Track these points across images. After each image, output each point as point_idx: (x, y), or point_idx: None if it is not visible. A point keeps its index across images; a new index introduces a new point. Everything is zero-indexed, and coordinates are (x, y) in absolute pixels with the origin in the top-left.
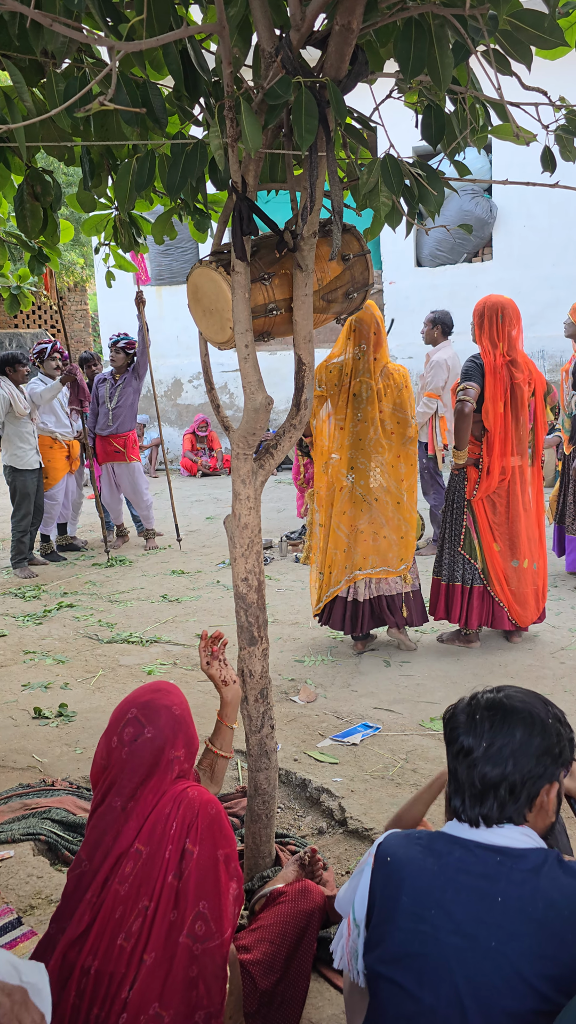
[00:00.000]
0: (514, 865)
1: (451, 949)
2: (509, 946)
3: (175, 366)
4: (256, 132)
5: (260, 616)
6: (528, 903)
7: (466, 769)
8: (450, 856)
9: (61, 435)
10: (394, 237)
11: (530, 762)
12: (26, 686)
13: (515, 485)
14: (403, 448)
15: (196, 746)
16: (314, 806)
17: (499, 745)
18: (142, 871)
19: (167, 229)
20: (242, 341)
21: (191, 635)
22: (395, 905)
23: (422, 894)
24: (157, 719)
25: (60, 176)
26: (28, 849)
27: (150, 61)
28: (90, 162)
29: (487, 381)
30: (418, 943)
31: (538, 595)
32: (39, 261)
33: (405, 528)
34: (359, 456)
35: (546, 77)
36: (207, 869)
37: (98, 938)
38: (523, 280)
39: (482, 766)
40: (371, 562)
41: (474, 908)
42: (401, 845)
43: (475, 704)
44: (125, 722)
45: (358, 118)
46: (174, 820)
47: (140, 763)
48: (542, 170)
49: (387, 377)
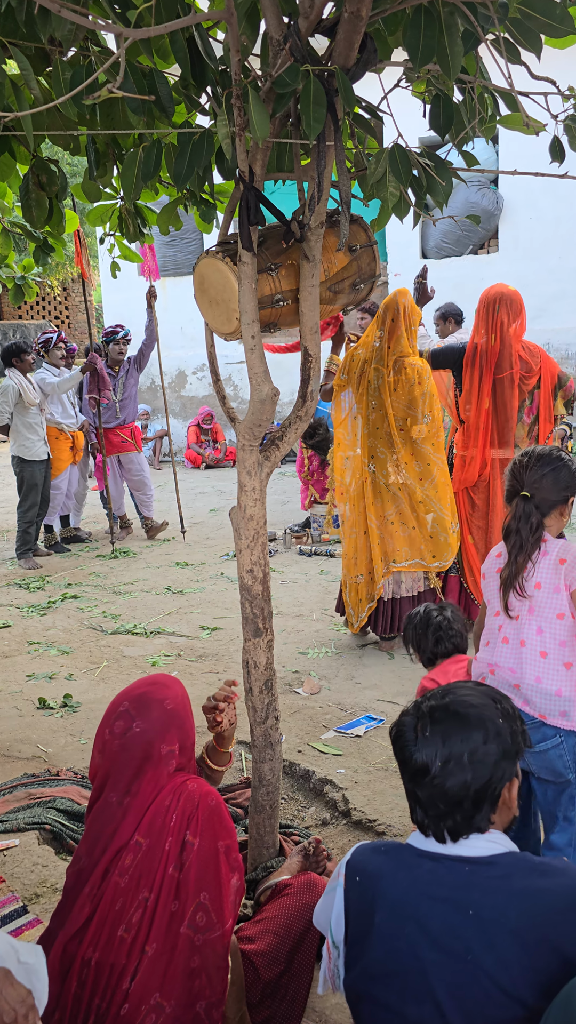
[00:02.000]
0: (485, 873)
1: (429, 964)
2: (486, 957)
3: (179, 358)
4: (264, 121)
5: (265, 608)
6: (501, 913)
7: (426, 788)
8: (420, 869)
9: (67, 426)
10: (400, 229)
11: (489, 768)
12: (31, 676)
13: (495, 478)
14: (414, 447)
15: (192, 740)
16: (318, 797)
17: (455, 757)
18: (142, 863)
19: (173, 219)
20: (248, 332)
21: (195, 627)
22: (370, 922)
23: (396, 910)
24: (148, 713)
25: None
26: (33, 838)
27: (157, 50)
28: (96, 151)
29: (467, 374)
30: (396, 960)
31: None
32: (44, 251)
33: (434, 526)
34: (377, 445)
35: (555, 67)
36: (207, 861)
37: (98, 930)
38: (529, 272)
39: (441, 783)
40: (404, 554)
41: (448, 921)
42: (370, 861)
43: (421, 716)
44: (117, 715)
45: (366, 107)
46: (174, 812)
47: (131, 757)
48: (551, 160)
49: (400, 371)
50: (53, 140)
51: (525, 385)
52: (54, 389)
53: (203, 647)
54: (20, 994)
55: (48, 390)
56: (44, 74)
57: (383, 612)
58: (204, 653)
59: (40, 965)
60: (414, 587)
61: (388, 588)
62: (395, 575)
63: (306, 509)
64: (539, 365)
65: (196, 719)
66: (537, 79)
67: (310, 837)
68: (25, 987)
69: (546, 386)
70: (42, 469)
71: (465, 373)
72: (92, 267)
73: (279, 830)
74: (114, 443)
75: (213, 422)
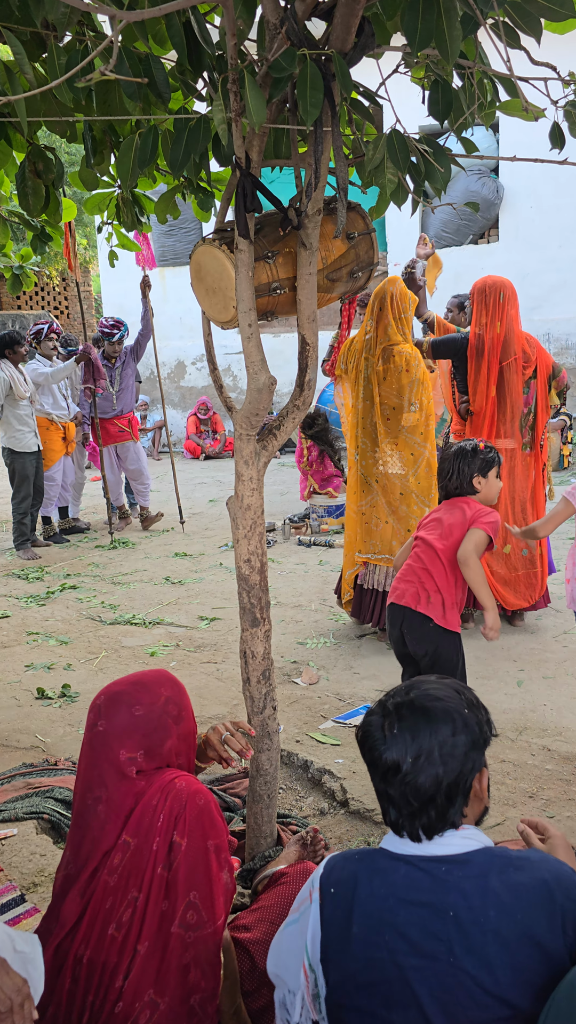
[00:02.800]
0: (461, 873)
1: (411, 971)
2: (467, 960)
3: (178, 348)
4: (260, 106)
5: (263, 597)
6: (480, 913)
7: (398, 786)
8: (395, 874)
9: (57, 416)
10: (399, 218)
11: (459, 761)
12: (29, 667)
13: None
14: (402, 436)
15: (169, 747)
16: (316, 787)
17: (425, 753)
18: (130, 862)
19: (170, 208)
20: (245, 320)
21: (194, 617)
22: (348, 933)
23: (373, 920)
24: (114, 714)
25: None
26: (31, 827)
27: (153, 35)
28: (92, 139)
29: (472, 364)
30: (377, 970)
31: (534, 581)
32: (41, 240)
33: (412, 521)
34: (363, 436)
35: (555, 52)
36: (197, 860)
37: (89, 928)
38: (529, 262)
39: (413, 779)
40: (371, 547)
41: (427, 925)
42: (344, 869)
43: (388, 714)
44: (92, 707)
45: (364, 93)
46: (161, 812)
47: (97, 756)
48: (551, 147)
49: (388, 360)
50: (49, 127)
51: (524, 374)
52: (47, 379)
53: (202, 637)
54: (16, 983)
55: (41, 380)
56: (39, 59)
57: (363, 599)
58: (203, 643)
59: (36, 954)
60: (387, 582)
61: (372, 578)
62: (370, 566)
63: (305, 500)
64: (535, 355)
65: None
66: (537, 64)
67: (308, 827)
68: (21, 976)
69: (542, 376)
70: (33, 461)
71: (471, 364)
72: (90, 258)
73: (277, 820)
74: (111, 433)
75: (211, 412)
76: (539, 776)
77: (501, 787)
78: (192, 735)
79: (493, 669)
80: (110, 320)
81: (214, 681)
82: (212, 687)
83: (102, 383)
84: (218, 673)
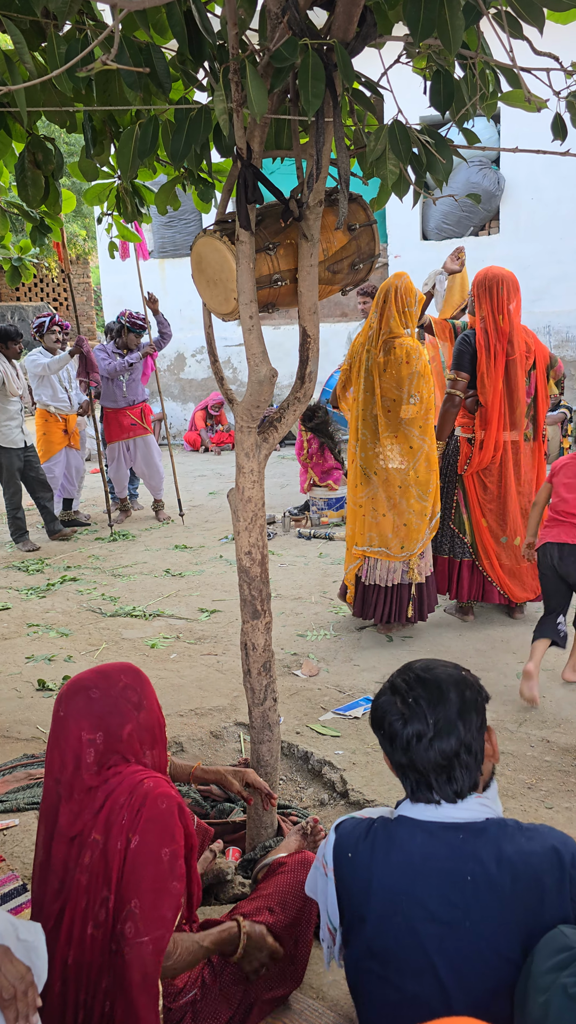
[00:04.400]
0: (477, 840)
1: (428, 937)
2: (484, 924)
3: (178, 340)
4: (262, 96)
5: (263, 590)
6: (496, 879)
7: (423, 752)
8: (413, 843)
9: (56, 408)
10: (400, 210)
11: (472, 717)
12: (30, 658)
13: (508, 461)
14: (400, 429)
15: (126, 735)
16: (316, 778)
17: (443, 716)
18: (99, 861)
19: (171, 199)
20: (246, 312)
21: (194, 609)
22: (366, 902)
23: (391, 888)
24: (73, 700)
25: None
26: (33, 818)
27: (154, 24)
28: (92, 129)
29: (482, 357)
30: (393, 936)
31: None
32: (41, 232)
33: (410, 515)
34: (364, 429)
35: (558, 42)
36: (145, 864)
37: (69, 929)
38: (530, 254)
39: (439, 743)
40: (369, 540)
41: (445, 893)
42: (361, 840)
43: (400, 692)
44: (56, 700)
45: (366, 83)
46: (125, 810)
47: (59, 741)
48: (552, 138)
49: (389, 352)
50: (49, 117)
51: (525, 368)
52: (44, 370)
53: (202, 629)
54: (19, 971)
55: (39, 371)
56: (39, 49)
57: (364, 594)
58: (203, 635)
59: (39, 942)
60: (388, 578)
61: (373, 573)
62: (369, 560)
63: (305, 492)
64: (533, 347)
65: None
66: (539, 55)
67: (308, 817)
68: (24, 964)
69: (540, 367)
70: (20, 456)
71: (480, 357)
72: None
73: (278, 810)
74: (124, 426)
75: (221, 409)
76: (538, 767)
77: (500, 778)
78: (159, 730)
79: (493, 661)
80: (140, 314)
81: (215, 673)
82: (213, 679)
83: (95, 376)
84: (218, 665)
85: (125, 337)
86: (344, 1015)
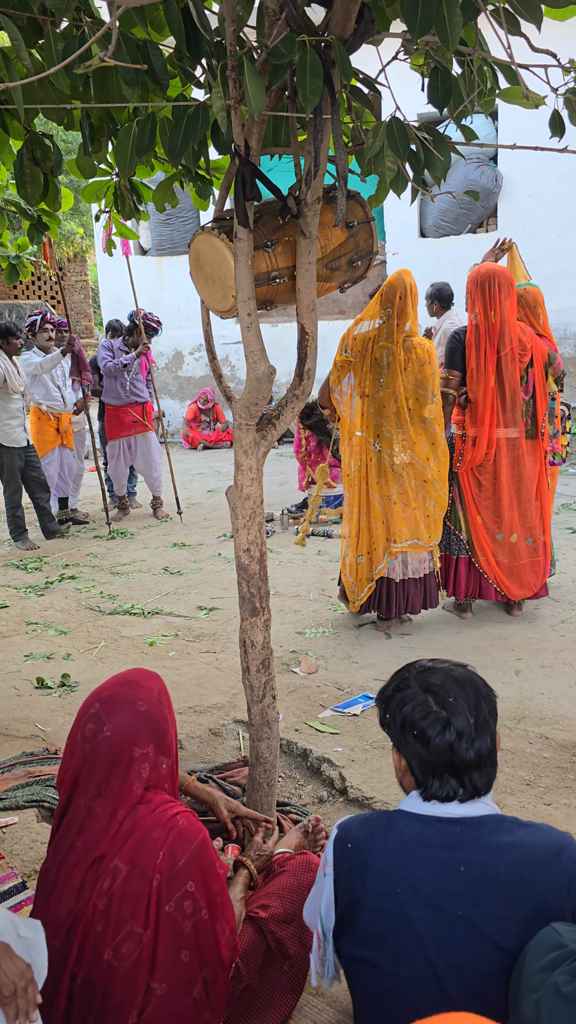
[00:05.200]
0: (473, 833)
1: (420, 923)
2: (475, 912)
3: (176, 338)
4: (260, 93)
5: (262, 587)
6: (490, 868)
7: (464, 751)
8: (410, 832)
9: (48, 407)
10: (398, 207)
11: (493, 719)
12: (29, 656)
13: (502, 458)
14: (423, 426)
15: (172, 738)
16: (315, 775)
17: (478, 716)
18: (123, 890)
19: (168, 196)
20: (244, 309)
21: (193, 607)
22: (362, 888)
23: (386, 873)
24: (118, 716)
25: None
26: (32, 816)
27: (151, 21)
28: (90, 126)
29: (472, 354)
30: (387, 922)
31: (538, 570)
32: (38, 229)
33: (432, 506)
34: (384, 424)
35: (556, 39)
36: (208, 935)
37: (81, 948)
38: (527, 251)
39: (478, 742)
40: (404, 535)
41: (438, 879)
42: (361, 828)
43: (435, 691)
44: (88, 717)
45: (364, 80)
46: (161, 848)
47: (100, 761)
48: (551, 135)
49: (410, 351)
50: (47, 115)
51: (520, 363)
52: (36, 369)
53: (201, 627)
54: (19, 967)
55: (33, 371)
56: (36, 46)
57: (383, 593)
58: (202, 633)
59: (39, 939)
60: (420, 568)
61: (398, 569)
62: (402, 556)
63: (303, 490)
64: (530, 344)
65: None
66: (537, 51)
67: (309, 815)
68: (24, 961)
69: (538, 364)
70: (22, 455)
71: (470, 353)
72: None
73: (277, 808)
74: (125, 423)
75: (211, 403)
76: (536, 764)
77: (499, 775)
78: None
79: (491, 658)
80: (155, 316)
81: (213, 671)
82: (211, 676)
83: (87, 375)
84: (217, 663)
85: (136, 337)
86: (343, 1011)
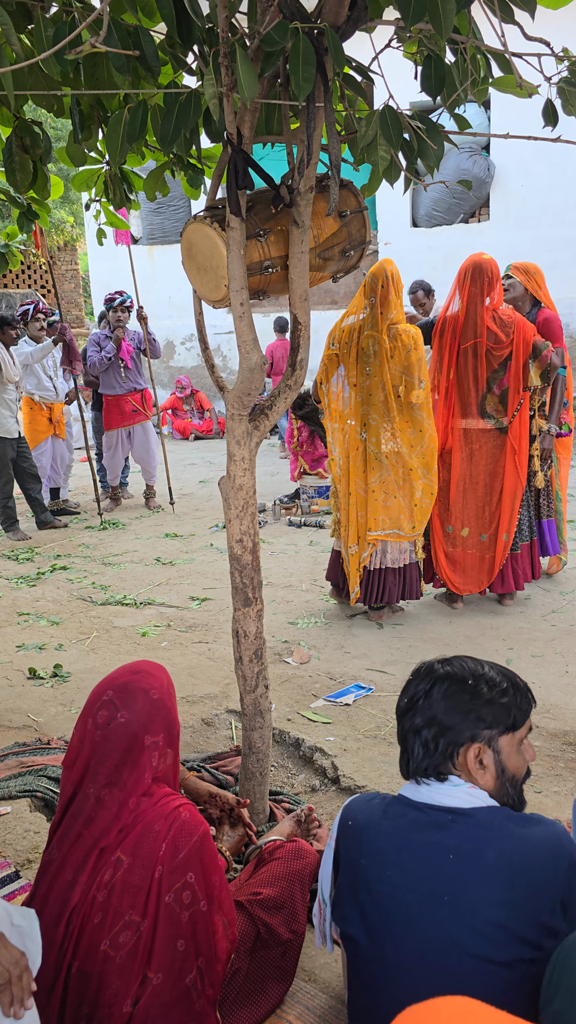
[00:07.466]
0: (466, 822)
1: (409, 906)
2: (463, 898)
3: (167, 328)
4: (252, 80)
5: (255, 577)
6: (479, 856)
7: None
8: (404, 818)
9: (40, 396)
10: (390, 197)
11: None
12: (21, 647)
13: (456, 452)
14: (410, 413)
15: (177, 729)
16: (307, 764)
17: (425, 699)
18: (123, 881)
19: (160, 185)
20: (237, 299)
21: (185, 597)
22: (356, 868)
23: (379, 855)
24: (132, 703)
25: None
26: (25, 805)
27: (142, 7)
28: (80, 113)
29: (435, 342)
30: (378, 903)
31: (490, 566)
32: (28, 218)
33: (419, 495)
34: (371, 412)
35: (549, 28)
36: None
37: (77, 938)
38: (520, 242)
39: (418, 718)
40: (381, 523)
41: (429, 864)
42: (362, 809)
43: (488, 676)
44: (100, 704)
45: (357, 68)
46: (164, 840)
47: (113, 748)
48: (543, 124)
49: (395, 338)
50: (36, 101)
51: (493, 356)
52: (28, 358)
53: (193, 617)
54: (14, 956)
55: (24, 360)
56: (25, 31)
57: (370, 581)
58: (194, 623)
59: (33, 928)
60: (400, 559)
61: (375, 558)
62: (381, 544)
63: (295, 480)
64: (512, 335)
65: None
66: (531, 40)
67: (302, 804)
68: (19, 949)
69: (518, 357)
70: (13, 446)
71: (434, 343)
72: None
73: (269, 797)
74: (125, 412)
75: (188, 391)
76: None
77: None
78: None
79: (482, 648)
80: (110, 293)
81: (206, 661)
82: (204, 667)
83: (78, 364)
84: (210, 653)
85: (110, 317)
86: (336, 996)
